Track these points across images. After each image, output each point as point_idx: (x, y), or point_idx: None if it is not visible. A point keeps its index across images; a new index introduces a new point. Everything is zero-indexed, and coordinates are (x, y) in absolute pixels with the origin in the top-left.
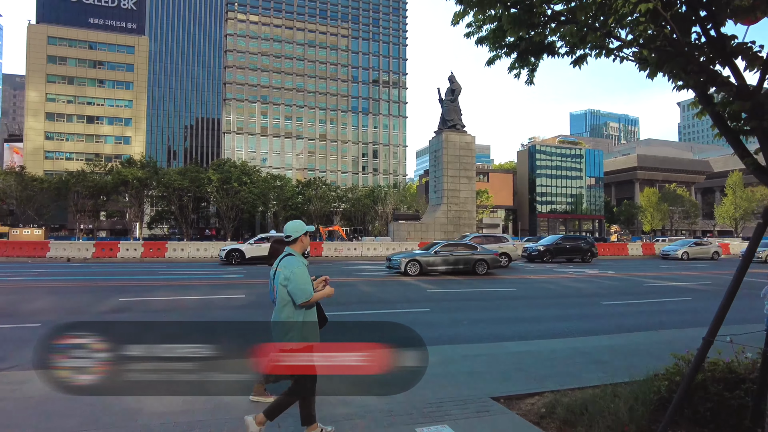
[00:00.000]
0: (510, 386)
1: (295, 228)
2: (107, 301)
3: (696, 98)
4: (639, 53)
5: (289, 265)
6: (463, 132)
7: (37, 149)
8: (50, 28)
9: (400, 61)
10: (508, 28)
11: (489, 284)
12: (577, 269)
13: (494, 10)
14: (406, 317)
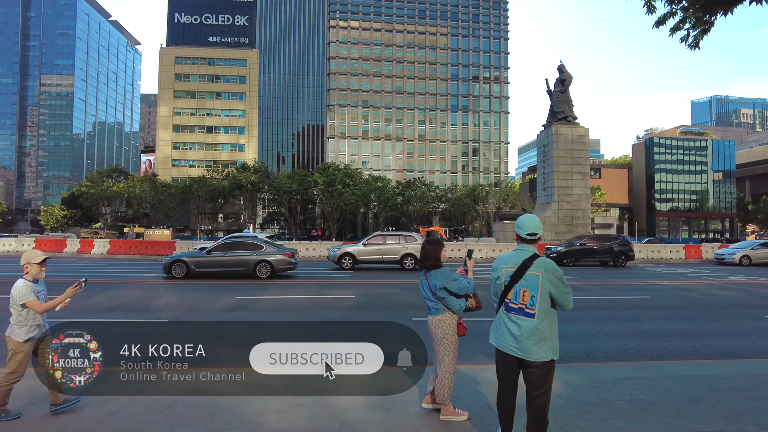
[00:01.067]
0: (690, 423)
1: (539, 225)
2: (224, 299)
3: None
4: None
5: (554, 269)
6: (574, 124)
7: (166, 158)
8: (177, 49)
9: (501, 56)
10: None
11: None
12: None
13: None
14: None
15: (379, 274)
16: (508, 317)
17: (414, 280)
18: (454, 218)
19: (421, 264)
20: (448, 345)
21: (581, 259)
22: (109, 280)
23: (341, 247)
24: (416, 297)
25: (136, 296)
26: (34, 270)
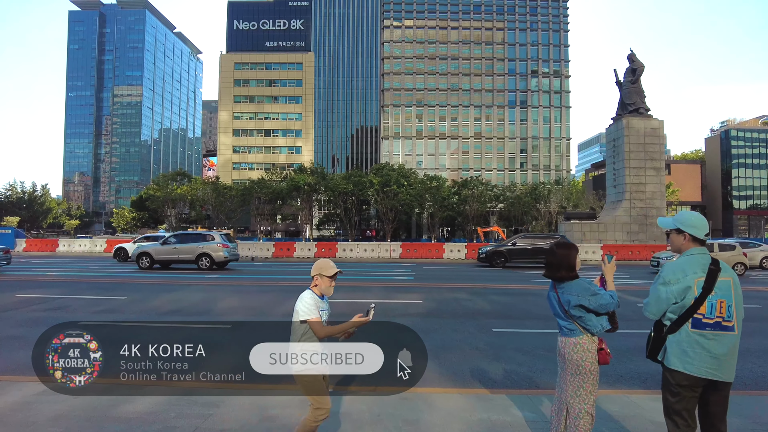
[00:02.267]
0: None
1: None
2: (289, 302)
3: None
4: None
5: (734, 272)
6: (647, 116)
7: (227, 161)
8: (236, 55)
9: (561, 48)
10: None
11: None
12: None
13: None
14: None
15: (442, 276)
16: (702, 335)
17: (481, 284)
18: (512, 218)
19: (549, 274)
20: (586, 375)
21: (512, 259)
22: (168, 281)
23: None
24: (489, 304)
25: (199, 298)
26: (324, 284)
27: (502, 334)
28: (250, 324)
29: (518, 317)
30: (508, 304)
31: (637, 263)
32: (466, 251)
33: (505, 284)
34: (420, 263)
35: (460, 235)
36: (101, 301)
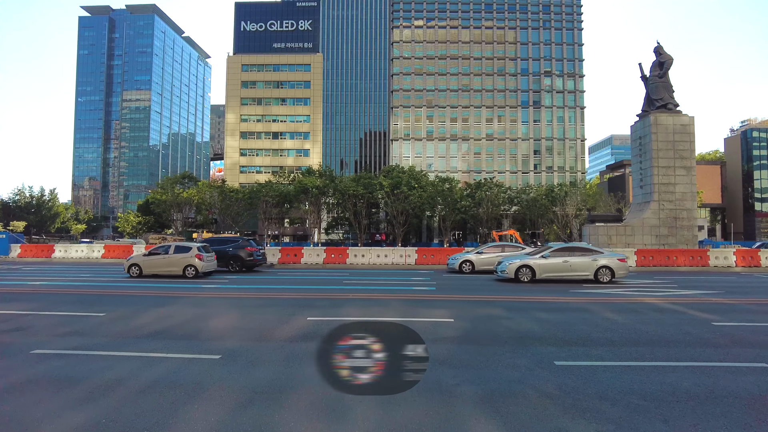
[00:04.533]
0: None
1: None
2: (294, 321)
3: None
4: None
5: None
6: (676, 112)
7: (234, 164)
8: (244, 57)
9: (575, 47)
10: None
11: None
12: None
13: None
14: None
15: (466, 287)
16: None
17: (513, 296)
18: (526, 221)
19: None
20: None
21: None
22: (160, 293)
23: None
24: (536, 323)
25: (189, 316)
26: None
27: (570, 369)
28: (245, 354)
29: (579, 343)
30: (559, 323)
31: (674, 269)
32: None
33: (542, 296)
34: (438, 270)
35: (472, 239)
36: (73, 319)
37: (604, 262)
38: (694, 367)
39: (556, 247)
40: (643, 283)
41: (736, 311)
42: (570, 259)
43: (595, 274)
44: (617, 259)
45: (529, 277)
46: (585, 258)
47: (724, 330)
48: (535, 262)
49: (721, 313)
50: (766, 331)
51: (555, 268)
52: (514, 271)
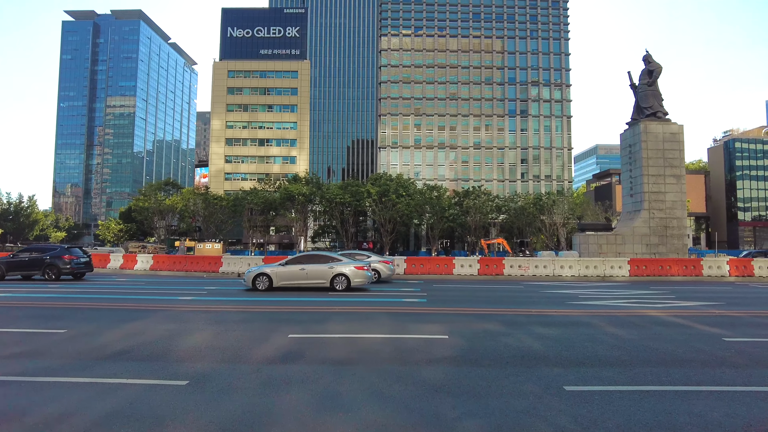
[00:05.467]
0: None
1: None
2: (273, 339)
3: None
4: None
5: None
6: (665, 120)
7: (219, 171)
8: (230, 63)
9: (562, 57)
10: None
11: None
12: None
13: None
14: None
15: (459, 298)
16: None
17: (509, 308)
18: (514, 230)
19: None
20: None
21: (9, 272)
22: (135, 306)
23: None
24: (537, 340)
25: (160, 332)
26: None
27: (583, 396)
28: (216, 378)
29: (587, 363)
30: (561, 339)
31: (668, 279)
32: (479, 267)
33: (540, 309)
34: (428, 280)
35: (459, 248)
36: (29, 336)
37: (340, 269)
38: (720, 392)
39: (297, 255)
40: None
41: (744, 325)
42: (307, 267)
43: (331, 282)
44: (354, 266)
45: (265, 286)
46: (322, 266)
47: (738, 347)
48: (273, 270)
49: (728, 327)
50: None
51: (292, 276)
52: (251, 280)
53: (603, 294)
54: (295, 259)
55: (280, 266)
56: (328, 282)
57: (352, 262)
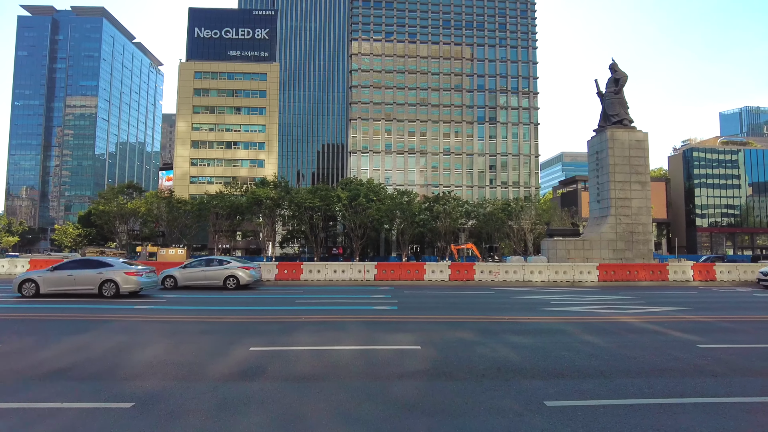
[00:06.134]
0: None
1: None
2: (233, 352)
3: None
4: None
5: None
6: (631, 128)
7: (184, 175)
8: (197, 63)
9: (529, 65)
10: None
11: None
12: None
13: None
14: None
15: (430, 305)
16: None
17: (482, 316)
18: (483, 235)
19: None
20: None
21: None
22: (81, 316)
23: None
24: (512, 349)
25: (108, 346)
26: None
27: (566, 412)
28: (166, 399)
29: (566, 374)
30: (536, 348)
31: (636, 284)
32: (450, 272)
33: (512, 315)
34: (399, 286)
35: (429, 253)
36: None
37: (110, 275)
38: (704, 405)
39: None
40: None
41: (715, 330)
42: (74, 272)
43: (99, 288)
44: (124, 272)
45: (32, 292)
46: (91, 271)
47: (713, 354)
48: (41, 275)
49: (701, 333)
50: (756, 355)
51: (60, 282)
52: (17, 286)
53: (574, 300)
54: (64, 264)
55: (47, 272)
56: (96, 288)
57: (125, 267)
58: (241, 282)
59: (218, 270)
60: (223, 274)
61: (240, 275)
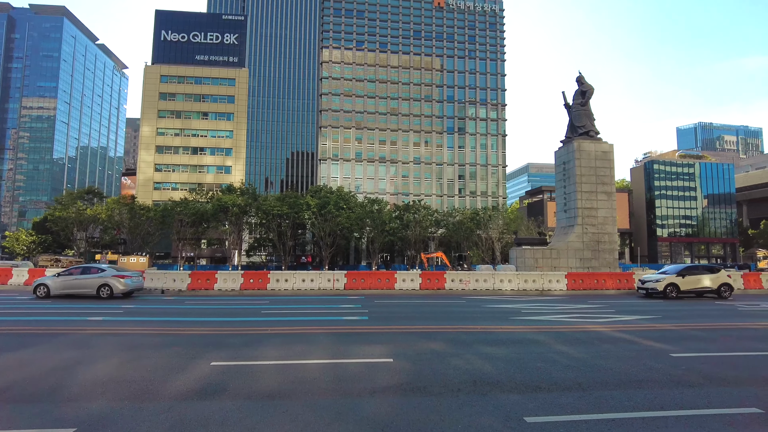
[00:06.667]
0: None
1: None
2: (193, 367)
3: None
4: None
5: None
6: (597, 139)
7: (148, 180)
8: (163, 67)
9: (498, 77)
10: None
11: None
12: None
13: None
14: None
15: (402, 315)
16: None
17: (454, 325)
18: (452, 244)
19: None
20: None
21: None
22: (31, 329)
23: None
24: (487, 361)
25: (56, 362)
26: None
27: (547, 429)
28: (113, 423)
29: (544, 387)
30: (512, 360)
31: (603, 293)
32: (421, 281)
33: (485, 325)
34: (369, 295)
35: (399, 261)
36: None
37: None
38: (686, 417)
39: None
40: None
41: (684, 339)
42: None
43: None
44: None
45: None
46: None
47: (687, 363)
48: None
49: (672, 341)
50: (728, 364)
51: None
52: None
53: (545, 309)
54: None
55: None
56: None
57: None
58: (115, 291)
59: (91, 279)
60: (96, 282)
61: (113, 284)
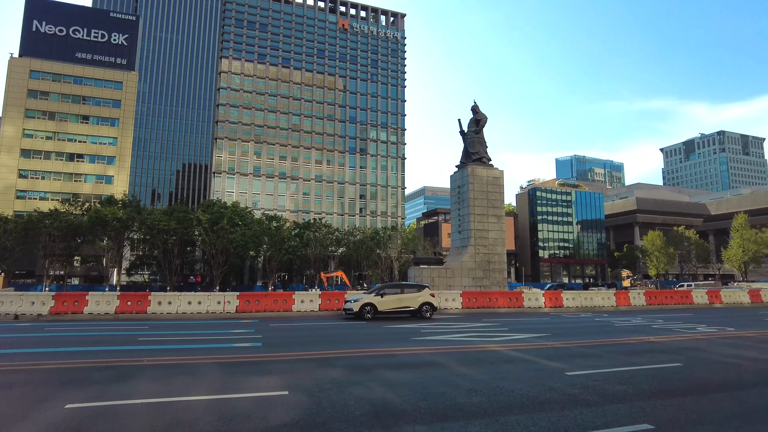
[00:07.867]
0: None
1: None
2: (41, 411)
3: None
4: None
5: None
6: (489, 166)
7: (9, 188)
8: (33, 61)
9: (398, 102)
10: None
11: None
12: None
13: None
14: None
15: (299, 340)
16: None
17: (355, 349)
18: (353, 262)
19: None
20: None
21: None
22: None
23: None
24: (390, 388)
25: None
26: None
27: None
28: None
29: (450, 415)
30: (415, 386)
31: (496, 311)
32: (320, 302)
33: (385, 347)
34: (264, 318)
35: (298, 281)
36: None
37: None
38: None
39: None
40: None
41: (576, 356)
42: None
43: None
44: None
45: None
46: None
47: (581, 381)
48: None
49: (564, 359)
50: (616, 379)
51: None
52: None
53: (442, 328)
54: None
55: None
56: None
57: None
58: None
59: None
60: None
61: None
